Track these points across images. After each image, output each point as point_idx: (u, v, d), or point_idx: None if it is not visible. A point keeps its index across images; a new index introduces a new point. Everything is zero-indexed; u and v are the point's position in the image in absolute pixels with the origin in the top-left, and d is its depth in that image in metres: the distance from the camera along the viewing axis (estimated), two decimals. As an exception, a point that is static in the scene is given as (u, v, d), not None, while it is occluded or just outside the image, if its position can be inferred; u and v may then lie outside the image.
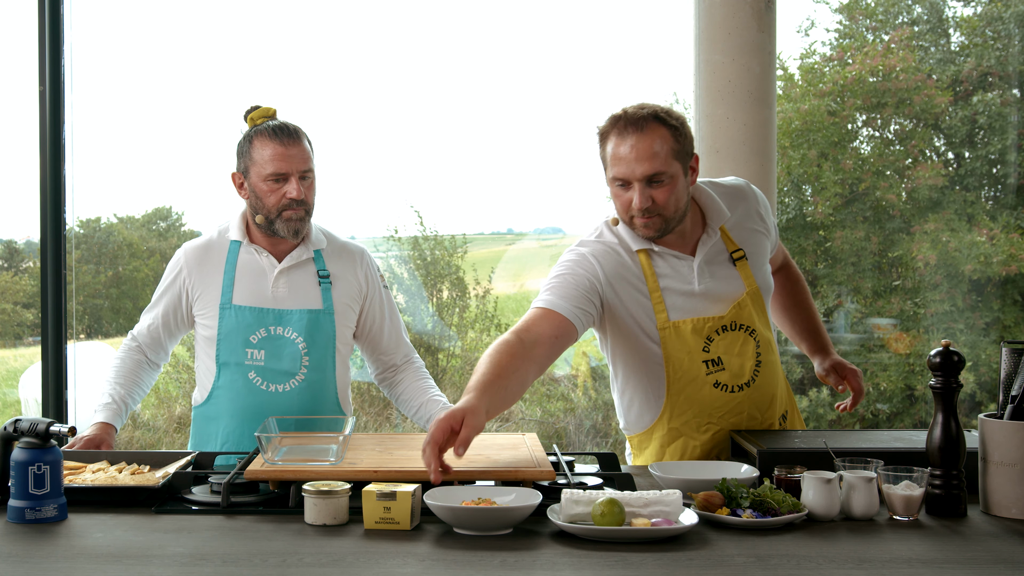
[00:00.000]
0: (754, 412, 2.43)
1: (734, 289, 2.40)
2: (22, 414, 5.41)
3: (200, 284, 2.60)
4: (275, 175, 2.50)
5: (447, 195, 7.63)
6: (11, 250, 7.92)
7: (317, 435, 2.25)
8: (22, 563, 1.65)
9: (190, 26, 7.18)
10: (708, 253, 2.41)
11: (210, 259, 2.61)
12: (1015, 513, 1.89)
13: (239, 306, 2.56)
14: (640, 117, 2.26)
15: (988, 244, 6.93)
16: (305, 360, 2.57)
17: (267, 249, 2.60)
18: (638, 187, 2.26)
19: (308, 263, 2.62)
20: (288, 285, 2.59)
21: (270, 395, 2.55)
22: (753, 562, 1.64)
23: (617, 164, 2.28)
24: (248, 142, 2.55)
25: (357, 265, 2.69)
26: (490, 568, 1.62)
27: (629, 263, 2.39)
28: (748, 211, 2.48)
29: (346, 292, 2.64)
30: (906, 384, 6.97)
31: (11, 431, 1.95)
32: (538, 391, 7.35)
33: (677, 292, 2.38)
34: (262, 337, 2.56)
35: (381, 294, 2.73)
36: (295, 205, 2.53)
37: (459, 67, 7.51)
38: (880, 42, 7.50)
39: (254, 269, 2.59)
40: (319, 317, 2.58)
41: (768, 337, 2.45)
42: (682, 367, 2.38)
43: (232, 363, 2.56)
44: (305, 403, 2.57)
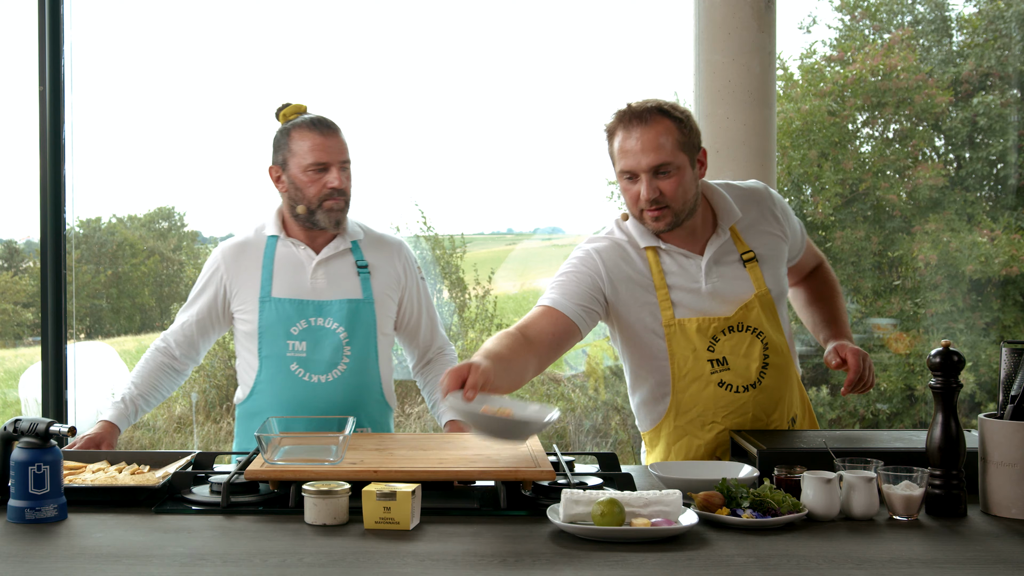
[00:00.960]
0: (760, 414, 2.43)
1: (742, 290, 2.40)
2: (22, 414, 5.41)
3: (238, 280, 2.61)
4: (316, 165, 2.53)
5: (447, 195, 7.63)
6: (11, 250, 7.92)
7: (317, 435, 2.25)
8: (22, 563, 1.65)
9: (191, 26, 7.18)
10: (717, 253, 2.41)
11: (247, 255, 2.62)
12: (1015, 513, 1.89)
13: (279, 299, 2.56)
14: (644, 110, 2.30)
15: (988, 244, 6.93)
16: (347, 350, 2.57)
17: (304, 242, 2.61)
18: (645, 178, 2.30)
19: (346, 254, 2.63)
20: (327, 276, 2.59)
21: (313, 386, 2.55)
22: (753, 562, 1.64)
23: (624, 157, 2.32)
24: (285, 135, 2.58)
25: (395, 256, 2.69)
26: (490, 568, 1.62)
27: (636, 260, 2.41)
28: (763, 213, 2.48)
29: (385, 282, 2.65)
30: (906, 384, 6.97)
31: (11, 431, 1.95)
32: (538, 391, 7.35)
33: (684, 290, 2.39)
34: (303, 328, 2.56)
35: (419, 285, 2.74)
36: (336, 195, 2.55)
37: (460, 67, 7.51)
38: (881, 42, 7.50)
39: (292, 262, 2.60)
40: (359, 306, 2.58)
41: (778, 341, 2.43)
42: (687, 365, 2.39)
43: (274, 356, 2.56)
44: (349, 393, 2.57)
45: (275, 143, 2.61)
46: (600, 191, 7.57)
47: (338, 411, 2.53)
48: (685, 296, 2.39)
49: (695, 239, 2.42)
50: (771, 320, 2.42)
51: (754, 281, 2.41)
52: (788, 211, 2.54)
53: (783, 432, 2.39)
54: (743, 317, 2.39)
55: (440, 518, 1.91)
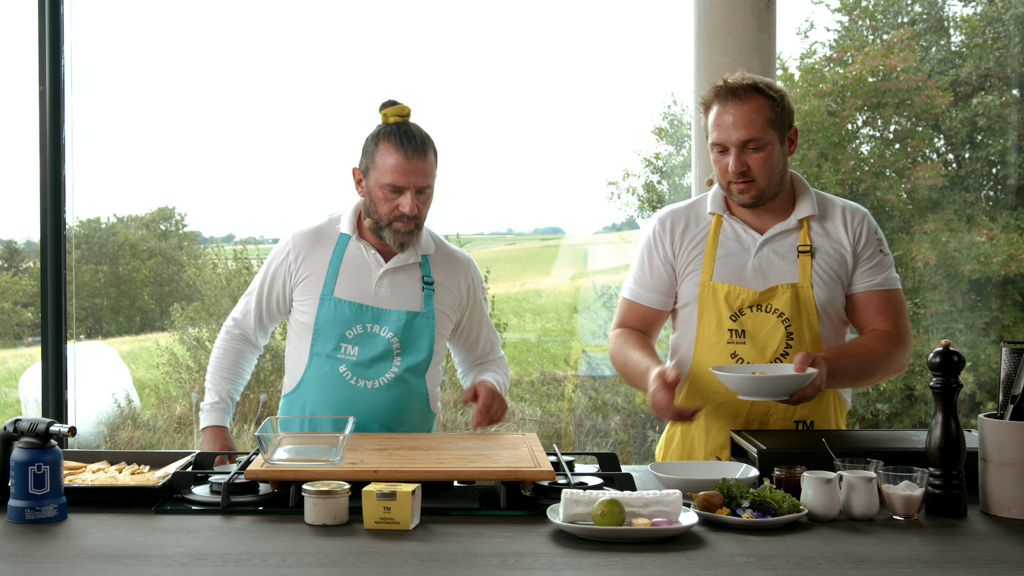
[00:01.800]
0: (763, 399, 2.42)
1: (785, 276, 2.45)
2: (22, 414, 5.41)
3: (305, 269, 2.59)
4: (392, 186, 2.48)
5: (447, 195, 7.63)
6: (11, 250, 7.93)
7: (317, 435, 2.25)
8: (22, 563, 1.65)
9: (190, 26, 7.18)
10: (777, 235, 2.48)
11: (319, 246, 2.60)
12: (1015, 513, 1.90)
13: (339, 299, 2.54)
14: (740, 86, 2.42)
15: (988, 244, 6.93)
16: (397, 360, 2.55)
17: (376, 247, 2.59)
18: (734, 152, 2.40)
19: (414, 267, 2.60)
20: (391, 285, 2.58)
21: (359, 390, 2.54)
22: (753, 562, 1.64)
23: (716, 130, 2.42)
24: (375, 143, 2.52)
25: (462, 276, 2.67)
26: (490, 568, 1.62)
27: (701, 222, 2.55)
28: (845, 224, 2.50)
29: (447, 301, 2.63)
30: (906, 384, 6.97)
31: (11, 431, 1.95)
32: (538, 391, 7.35)
33: (730, 258, 2.48)
34: (358, 333, 2.54)
35: (482, 304, 2.74)
36: (406, 219, 2.50)
37: (460, 68, 7.51)
38: (880, 42, 7.51)
39: (360, 265, 2.58)
40: (417, 319, 2.57)
41: (808, 336, 2.44)
42: (710, 328, 2.47)
43: (324, 354, 2.55)
44: (392, 402, 2.55)
45: (365, 145, 2.56)
46: (600, 191, 7.57)
47: (379, 418, 2.53)
48: (729, 263, 2.47)
49: (764, 220, 2.50)
50: (807, 315, 2.44)
51: (800, 272, 2.45)
52: (872, 240, 2.50)
53: (783, 432, 2.39)
54: (771, 298, 2.44)
55: (440, 518, 1.91)
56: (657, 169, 7.57)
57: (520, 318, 8.03)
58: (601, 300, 7.51)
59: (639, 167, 7.53)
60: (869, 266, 2.49)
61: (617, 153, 7.87)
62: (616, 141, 8.01)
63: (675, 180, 7.47)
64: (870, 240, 2.51)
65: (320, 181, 7.34)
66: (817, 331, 2.46)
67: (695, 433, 2.52)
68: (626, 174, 7.50)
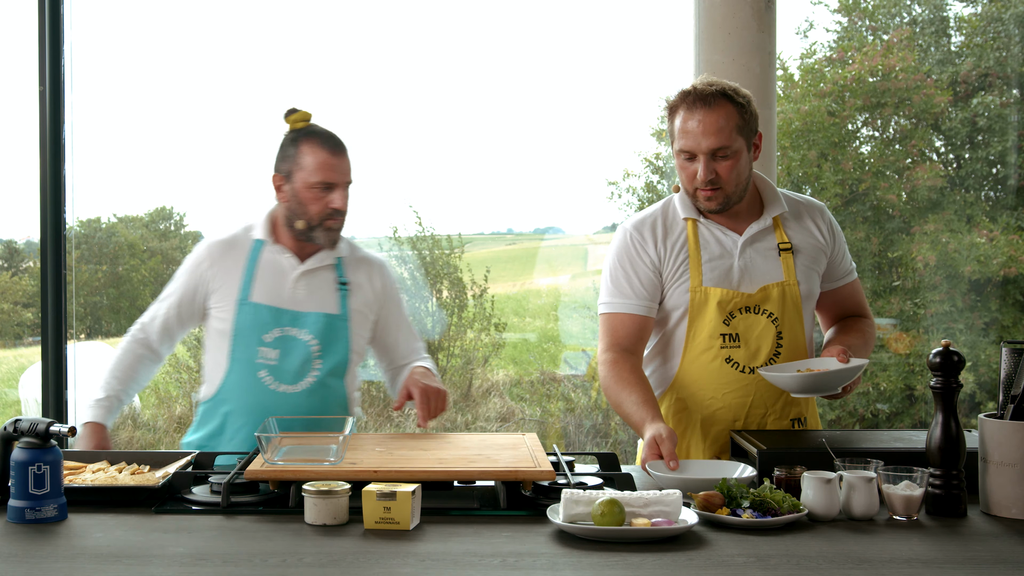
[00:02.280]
0: (759, 401, 2.45)
1: (771, 275, 2.46)
2: (22, 414, 5.41)
3: (220, 278, 2.60)
4: (322, 183, 2.51)
5: (447, 195, 7.63)
6: (11, 250, 7.93)
7: (317, 435, 2.25)
8: (22, 563, 1.65)
9: (190, 26, 7.18)
10: (756, 235, 2.48)
11: (233, 254, 2.62)
12: (1015, 513, 1.90)
13: (256, 304, 2.56)
14: (709, 93, 2.37)
15: (988, 245, 6.93)
16: (317, 363, 2.57)
17: (292, 250, 2.61)
18: (703, 160, 2.37)
19: (329, 269, 2.63)
20: (307, 287, 2.60)
21: (278, 395, 2.56)
22: (753, 562, 1.64)
23: (684, 137, 2.38)
24: (295, 146, 2.55)
25: (375, 276, 2.70)
26: (490, 568, 1.62)
27: (676, 229, 2.50)
28: (813, 220, 2.53)
29: (362, 301, 2.66)
30: (906, 384, 6.97)
31: (11, 431, 1.95)
32: (538, 391, 7.35)
33: (715, 261, 2.46)
34: (276, 336, 2.56)
35: (398, 304, 2.76)
36: (337, 215, 2.55)
37: (460, 68, 7.51)
38: (880, 42, 7.51)
39: (275, 269, 2.60)
40: (334, 322, 2.59)
41: (796, 335, 2.46)
42: (702, 333, 2.45)
43: (244, 360, 2.56)
44: (313, 405, 2.57)
45: (282, 151, 2.59)
46: (600, 191, 7.57)
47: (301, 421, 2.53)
48: (716, 267, 2.45)
49: (737, 221, 2.49)
50: (792, 313, 2.46)
51: (785, 270, 2.46)
52: (840, 236, 2.58)
53: (783, 432, 2.39)
54: (762, 299, 2.44)
55: (440, 518, 1.91)
56: (657, 169, 7.57)
57: (520, 318, 8.03)
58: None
59: (639, 167, 7.54)
60: (842, 259, 2.57)
61: (617, 153, 7.88)
62: (616, 141, 8.02)
63: (675, 180, 7.48)
64: (838, 232, 2.58)
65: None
66: (803, 327, 2.48)
67: (691, 439, 2.50)
68: (626, 174, 7.50)
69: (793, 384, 2.29)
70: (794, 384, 2.29)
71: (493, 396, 7.36)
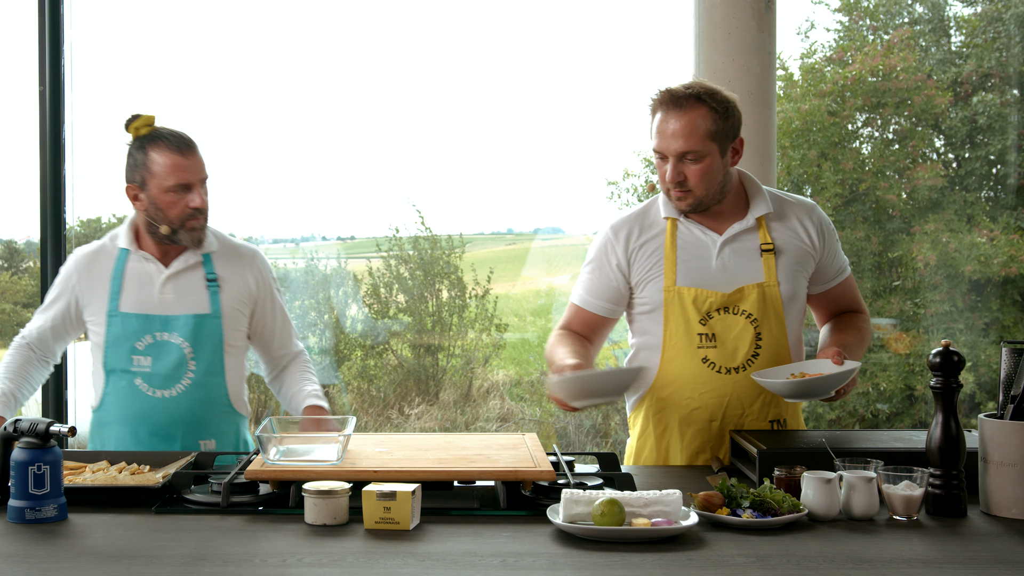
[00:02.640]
0: (737, 401, 2.45)
1: (750, 275, 2.44)
2: (22, 414, 5.40)
3: (89, 291, 2.60)
4: (178, 186, 2.50)
5: (447, 195, 7.63)
6: (11, 250, 7.92)
7: (317, 435, 2.25)
8: (22, 563, 1.65)
9: (190, 25, 7.18)
10: (736, 235, 2.46)
11: (99, 266, 2.61)
12: (1015, 513, 1.90)
13: (126, 313, 2.56)
14: (682, 96, 2.36)
15: (988, 245, 6.93)
16: (191, 365, 2.56)
17: (156, 256, 2.60)
18: (672, 162, 2.37)
19: (197, 267, 2.62)
20: (175, 291, 2.59)
21: (156, 400, 2.55)
22: (753, 562, 1.64)
23: (657, 137, 2.40)
24: (142, 153, 2.53)
25: (247, 268, 2.67)
26: (490, 568, 1.62)
27: (655, 227, 2.51)
28: (800, 221, 2.51)
29: (235, 295, 2.63)
30: (906, 384, 6.97)
31: (11, 431, 1.95)
32: (538, 391, 7.34)
33: (692, 261, 2.45)
34: (148, 343, 2.56)
35: (274, 296, 2.73)
36: (198, 214, 2.54)
37: (460, 68, 7.51)
38: (880, 42, 7.50)
39: (142, 276, 2.59)
40: (206, 321, 2.58)
41: (777, 336, 2.45)
42: (678, 333, 2.45)
43: (119, 370, 2.56)
44: (193, 407, 2.57)
45: (130, 160, 2.56)
46: (600, 191, 7.57)
47: (182, 425, 2.55)
48: (692, 267, 2.45)
49: (719, 221, 2.48)
50: (772, 314, 2.44)
51: (765, 271, 2.45)
52: (832, 236, 2.55)
53: (783, 432, 2.39)
54: (739, 300, 2.43)
55: (440, 518, 1.91)
56: (657, 169, 7.56)
57: (520, 318, 8.03)
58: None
59: (639, 167, 7.53)
60: (834, 259, 2.55)
61: (617, 153, 7.87)
62: (616, 141, 8.01)
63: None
64: (829, 232, 2.55)
65: (318, 180, 7.34)
66: (784, 328, 2.47)
67: (670, 439, 2.51)
68: (626, 174, 7.50)
69: (785, 389, 2.28)
70: (786, 389, 2.28)
71: (493, 396, 7.36)
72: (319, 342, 7.31)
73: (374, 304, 7.41)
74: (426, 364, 7.39)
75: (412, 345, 7.43)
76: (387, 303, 7.43)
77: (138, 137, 2.56)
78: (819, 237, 2.51)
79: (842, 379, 2.27)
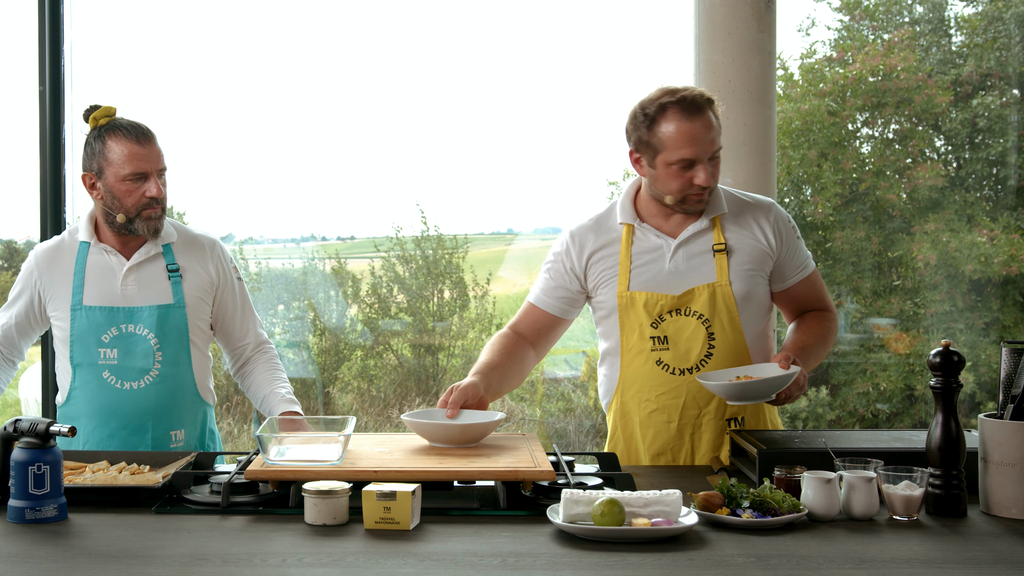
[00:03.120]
0: (692, 402, 2.46)
1: (702, 277, 2.46)
2: (22, 414, 5.39)
3: (51, 286, 2.61)
4: (134, 175, 2.52)
5: (448, 195, 7.63)
6: (11, 250, 7.91)
7: (317, 435, 2.25)
8: (22, 563, 1.65)
9: (190, 25, 7.18)
10: (690, 237, 2.48)
11: (60, 261, 2.62)
12: (1015, 513, 1.90)
13: (89, 306, 2.57)
14: (704, 99, 2.39)
15: (988, 245, 6.93)
16: (158, 356, 2.57)
17: (116, 248, 2.62)
18: (704, 165, 2.38)
19: (157, 258, 2.63)
20: (137, 282, 2.60)
21: (124, 393, 2.56)
22: (753, 562, 1.64)
23: (687, 144, 2.36)
24: (100, 142, 2.55)
25: (207, 257, 2.69)
26: (490, 568, 1.62)
27: (612, 234, 2.53)
28: (756, 220, 2.51)
29: (196, 284, 2.65)
30: (906, 384, 6.97)
31: (11, 431, 1.95)
32: (538, 391, 7.35)
33: (646, 265, 2.48)
34: (114, 336, 2.57)
35: (234, 285, 2.74)
36: (154, 204, 2.56)
37: (460, 68, 7.51)
38: (881, 42, 7.50)
39: (103, 269, 2.60)
40: (169, 312, 2.59)
41: (731, 336, 2.46)
42: (632, 338, 2.48)
43: (86, 363, 2.57)
44: (162, 398, 2.58)
45: (88, 149, 2.58)
46: (600, 191, 7.57)
47: (152, 416, 2.56)
48: (645, 271, 2.47)
49: (676, 224, 2.50)
50: (724, 314, 2.45)
51: (717, 271, 2.46)
52: (790, 235, 2.54)
53: (783, 432, 2.39)
54: (689, 301, 2.45)
55: (440, 518, 1.91)
56: (657, 169, 7.56)
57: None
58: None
59: (639, 167, 7.53)
60: (793, 256, 2.55)
61: (617, 153, 7.87)
62: (616, 141, 8.01)
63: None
64: (788, 231, 2.54)
65: (318, 181, 7.34)
66: (739, 327, 2.47)
67: (638, 436, 2.53)
68: (626, 174, 7.50)
69: (723, 391, 2.29)
70: (724, 391, 2.29)
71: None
72: (319, 342, 7.32)
73: (374, 304, 7.41)
74: (426, 364, 7.39)
75: (412, 345, 7.43)
76: (387, 303, 7.44)
77: (96, 127, 2.57)
78: (775, 236, 2.51)
79: (781, 383, 2.27)
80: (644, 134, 2.40)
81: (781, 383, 2.26)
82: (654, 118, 2.38)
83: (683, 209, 2.45)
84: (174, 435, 2.58)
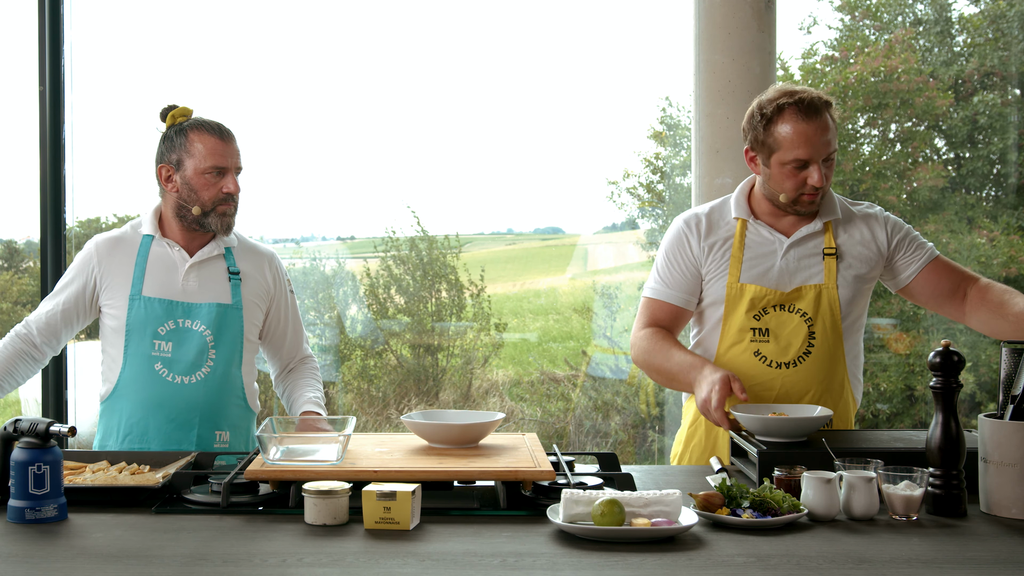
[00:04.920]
0: (785, 396, 2.50)
1: (811, 278, 2.51)
2: (22, 414, 5.40)
3: (110, 274, 2.62)
4: (215, 168, 2.56)
5: (447, 195, 7.63)
6: (11, 250, 7.92)
7: (317, 435, 2.25)
8: (22, 563, 1.65)
9: (190, 25, 7.18)
10: (803, 239, 2.53)
11: (121, 251, 2.64)
12: (1015, 513, 1.90)
13: (148, 297, 2.58)
14: (822, 101, 2.42)
15: (988, 245, 6.93)
16: (212, 353, 2.59)
17: (180, 243, 2.64)
18: (821, 166, 2.42)
19: (219, 259, 2.66)
20: (199, 279, 2.62)
21: (175, 386, 2.57)
22: (753, 562, 1.64)
23: (803, 144, 2.40)
24: (183, 136, 2.59)
25: (266, 266, 2.73)
26: (490, 568, 1.62)
27: (728, 227, 2.58)
28: (869, 228, 2.56)
29: (254, 291, 2.68)
30: (906, 384, 6.97)
31: (11, 431, 1.95)
32: (538, 391, 7.35)
33: (757, 259, 2.52)
34: (170, 329, 2.58)
35: (287, 297, 2.78)
36: (230, 200, 2.59)
37: (458, 68, 7.51)
38: (882, 42, 7.50)
39: (166, 262, 2.62)
40: (227, 312, 2.61)
41: (830, 337, 2.49)
42: (734, 327, 2.52)
43: (139, 354, 2.58)
44: (211, 396, 2.59)
45: (167, 142, 2.62)
46: (600, 191, 7.57)
47: (199, 412, 2.57)
48: (756, 265, 2.52)
49: (790, 224, 2.55)
50: (827, 315, 2.49)
51: (826, 274, 2.50)
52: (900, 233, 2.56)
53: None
54: (796, 299, 2.50)
55: (440, 518, 1.91)
56: (657, 169, 7.57)
57: (520, 318, 8.03)
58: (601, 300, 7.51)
59: (639, 167, 7.53)
60: (912, 248, 2.56)
61: (617, 153, 7.87)
62: (616, 141, 8.01)
63: (674, 180, 7.47)
64: (899, 230, 2.58)
65: (319, 180, 7.34)
66: (840, 331, 2.51)
67: (719, 430, 2.56)
68: (626, 174, 7.50)
69: (753, 425, 2.23)
70: (754, 426, 2.23)
71: (493, 396, 7.36)
72: (319, 341, 7.32)
73: (373, 304, 7.41)
74: (426, 364, 7.39)
75: (411, 345, 7.43)
76: (385, 303, 7.44)
77: (176, 123, 2.62)
78: (890, 238, 2.56)
79: (813, 425, 2.22)
80: (760, 133, 2.46)
81: (814, 425, 2.22)
82: (771, 118, 2.43)
83: (795, 210, 2.50)
84: (219, 435, 2.59)
